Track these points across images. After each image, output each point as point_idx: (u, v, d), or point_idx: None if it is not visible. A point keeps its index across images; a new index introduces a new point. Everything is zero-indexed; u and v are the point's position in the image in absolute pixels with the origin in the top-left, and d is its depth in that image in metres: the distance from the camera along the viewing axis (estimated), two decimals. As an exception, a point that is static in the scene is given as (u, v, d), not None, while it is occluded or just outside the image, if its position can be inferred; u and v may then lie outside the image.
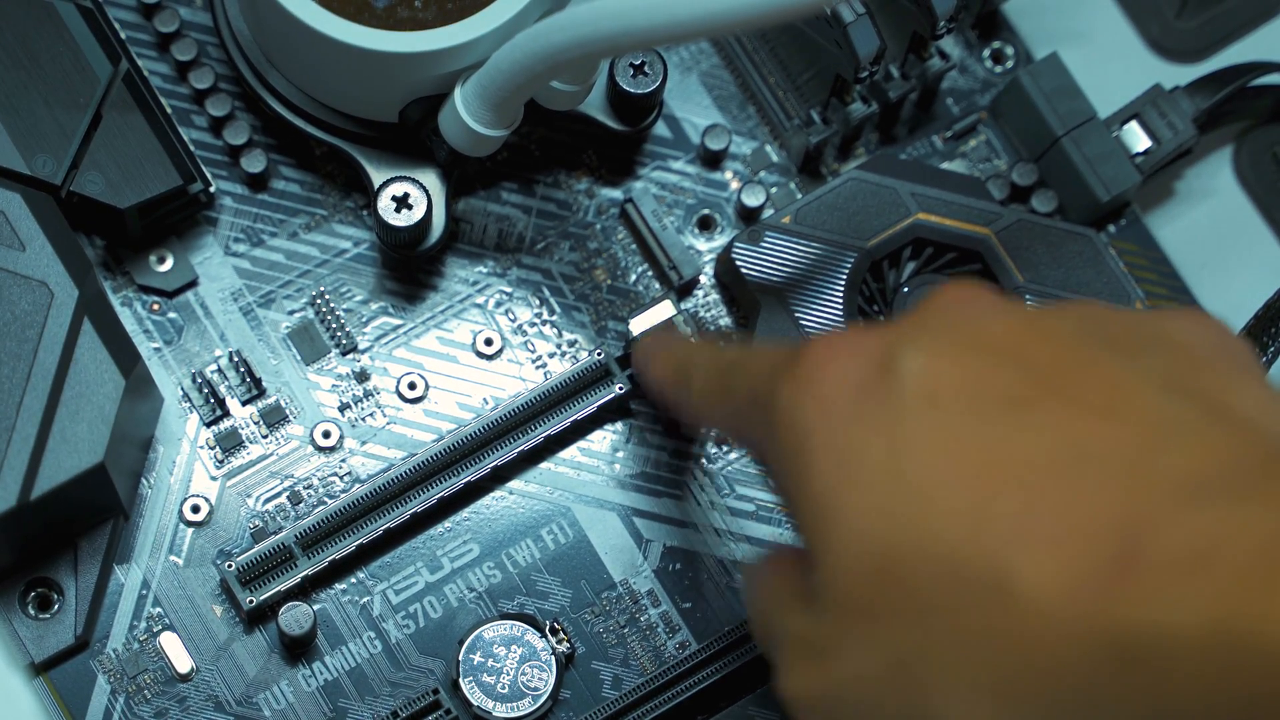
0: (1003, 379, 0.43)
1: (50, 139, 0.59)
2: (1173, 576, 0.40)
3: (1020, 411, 0.43)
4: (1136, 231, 0.65)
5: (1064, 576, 0.41)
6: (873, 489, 0.44)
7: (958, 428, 0.43)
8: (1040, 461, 0.42)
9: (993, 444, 0.43)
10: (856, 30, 0.59)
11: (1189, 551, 0.40)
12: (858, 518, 0.44)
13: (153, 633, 0.60)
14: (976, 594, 0.42)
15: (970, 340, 0.44)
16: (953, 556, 0.42)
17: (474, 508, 0.62)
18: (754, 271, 0.62)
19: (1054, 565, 0.41)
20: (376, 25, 0.57)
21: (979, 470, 0.42)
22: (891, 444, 0.44)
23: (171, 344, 0.63)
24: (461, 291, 0.64)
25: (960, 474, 0.43)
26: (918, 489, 0.43)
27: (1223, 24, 0.67)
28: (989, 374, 0.44)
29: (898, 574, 0.43)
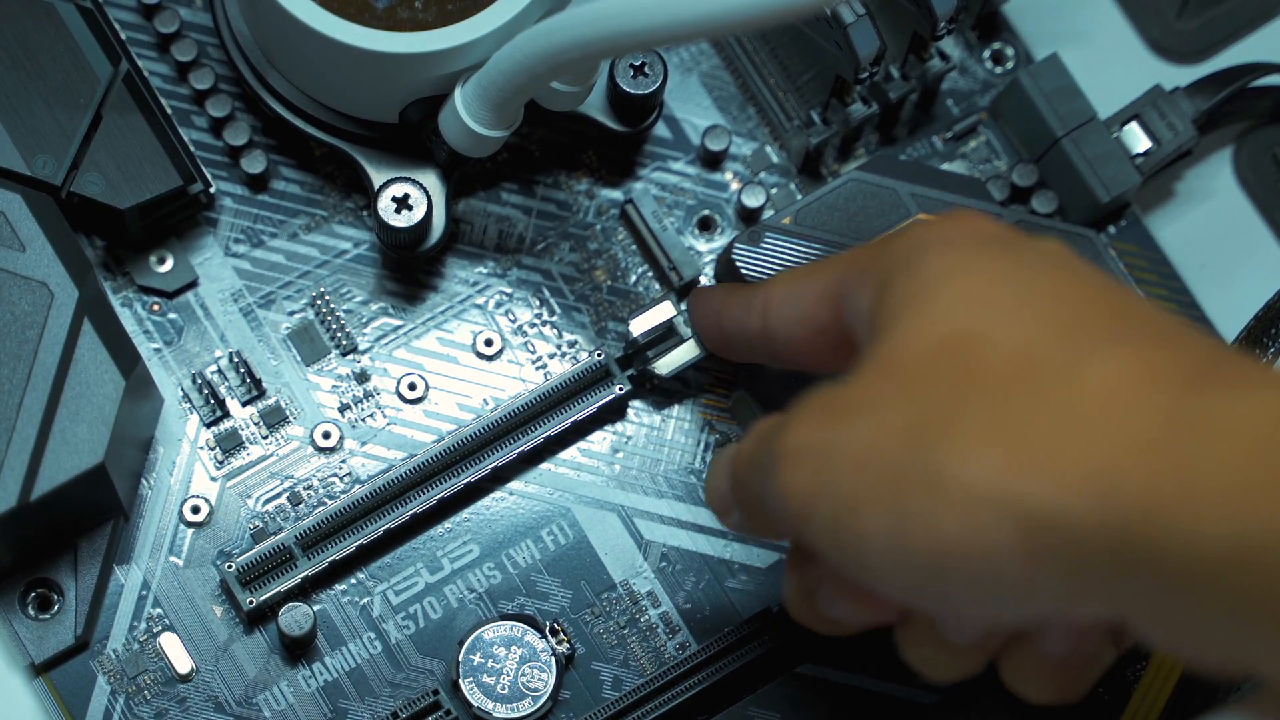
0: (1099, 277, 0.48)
1: (50, 139, 0.59)
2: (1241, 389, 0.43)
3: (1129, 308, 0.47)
4: (1136, 232, 0.65)
5: (1137, 371, 0.44)
6: (988, 291, 0.47)
7: (1079, 284, 0.47)
8: (1141, 315, 0.46)
9: (1107, 299, 0.47)
10: (857, 31, 0.59)
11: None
12: (956, 299, 0.47)
13: (153, 633, 0.60)
14: (1044, 377, 0.44)
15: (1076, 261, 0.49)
16: (1033, 345, 0.45)
17: (474, 508, 0.62)
18: (754, 272, 0.62)
19: (1120, 365, 0.44)
20: (377, 26, 0.57)
21: (1092, 311, 0.46)
22: (1023, 278, 0.47)
23: (171, 345, 0.63)
24: (461, 292, 0.64)
25: (1076, 310, 0.46)
26: (1029, 307, 0.46)
27: (1223, 25, 0.67)
28: (1095, 273, 0.48)
29: (966, 349, 0.46)
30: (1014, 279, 0.47)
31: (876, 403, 0.46)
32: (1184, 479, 0.42)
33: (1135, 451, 0.42)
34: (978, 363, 0.45)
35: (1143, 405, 0.43)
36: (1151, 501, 0.42)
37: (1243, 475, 0.41)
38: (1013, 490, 0.43)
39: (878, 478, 0.45)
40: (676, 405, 0.63)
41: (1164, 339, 0.45)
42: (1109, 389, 0.44)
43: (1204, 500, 0.41)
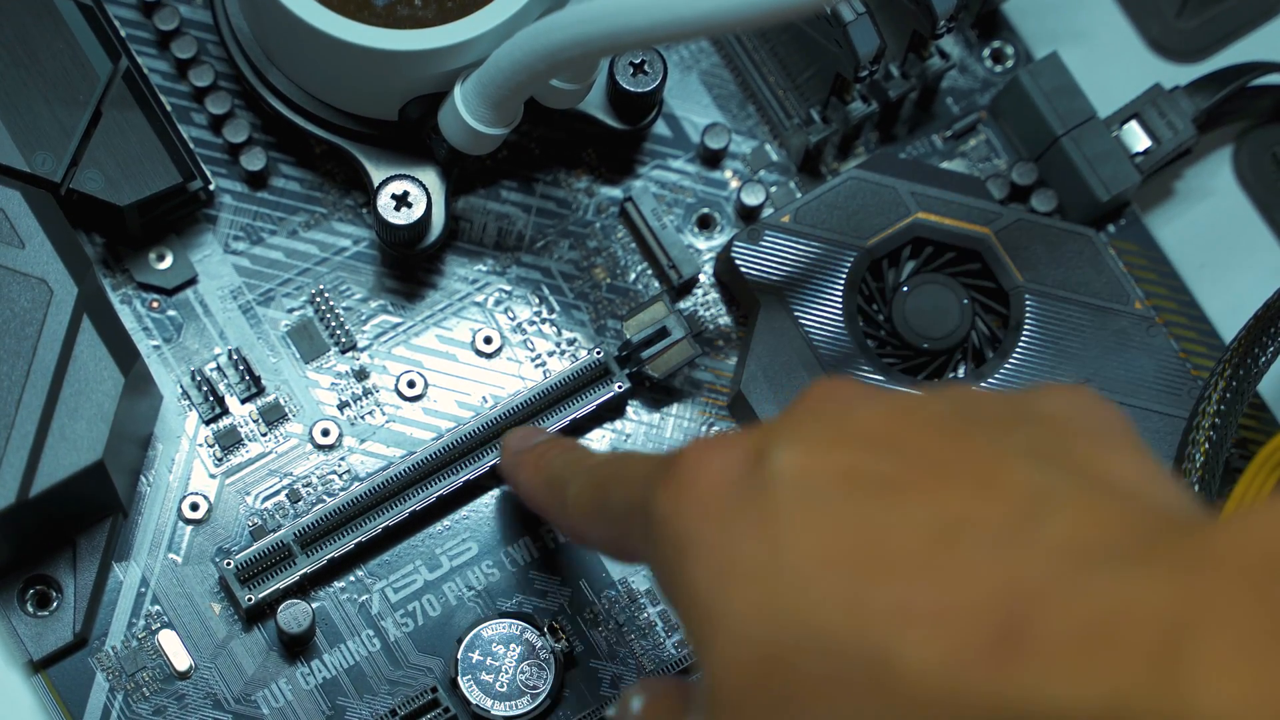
0: (874, 464, 0.43)
1: (50, 136, 0.59)
2: (1064, 654, 0.38)
3: (892, 494, 0.42)
4: (1136, 231, 0.65)
5: (947, 656, 0.39)
6: (752, 587, 0.43)
7: (831, 515, 0.42)
8: (915, 542, 0.41)
9: (867, 528, 0.42)
10: (856, 29, 0.59)
11: (1079, 627, 0.39)
12: (738, 618, 0.43)
13: (151, 630, 0.60)
14: (860, 682, 0.41)
15: (840, 431, 0.44)
16: (833, 645, 0.41)
17: (473, 506, 0.62)
18: (753, 271, 0.62)
19: (935, 645, 0.40)
20: (376, 23, 0.57)
21: (854, 556, 0.41)
22: (768, 539, 0.43)
23: (171, 342, 0.63)
24: (461, 290, 0.64)
25: (836, 561, 0.42)
26: (795, 581, 0.42)
27: (1223, 24, 0.67)
28: (860, 461, 0.43)
29: (781, 671, 0.42)
30: (771, 553, 0.42)
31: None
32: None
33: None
34: (796, 682, 0.42)
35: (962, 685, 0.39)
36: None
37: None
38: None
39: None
40: (676, 404, 0.63)
41: (949, 577, 0.40)
42: (922, 691, 0.40)
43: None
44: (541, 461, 0.55)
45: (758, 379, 0.61)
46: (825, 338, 0.61)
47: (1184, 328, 0.64)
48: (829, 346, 0.61)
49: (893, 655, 0.40)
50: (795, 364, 0.61)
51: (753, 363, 0.61)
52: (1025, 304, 0.62)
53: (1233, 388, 0.59)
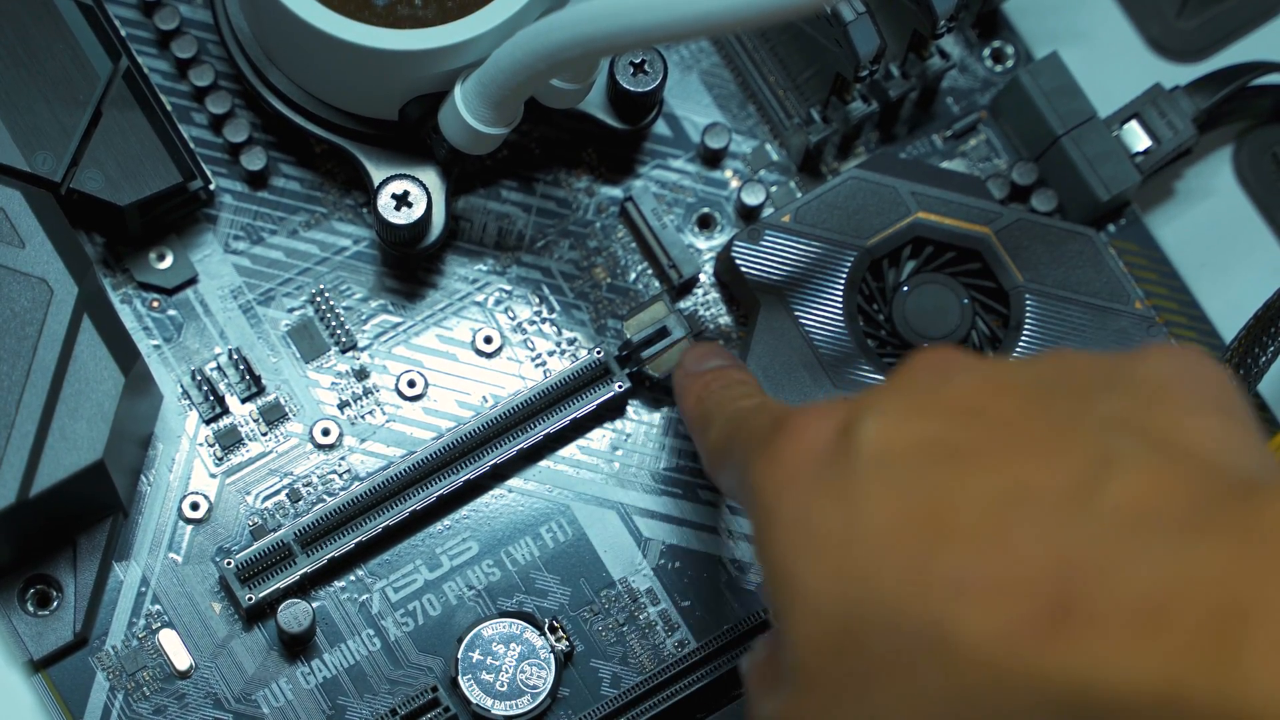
0: (950, 434, 0.43)
1: (50, 136, 0.59)
2: (1117, 630, 0.39)
3: (961, 462, 0.43)
4: (1136, 231, 0.65)
5: (1001, 628, 0.40)
6: (827, 557, 0.43)
7: (903, 485, 0.43)
8: (977, 510, 0.42)
9: (933, 497, 0.42)
10: (857, 29, 0.59)
11: (1132, 602, 0.39)
12: (814, 589, 0.43)
13: (151, 630, 0.60)
14: (921, 652, 0.41)
15: (928, 402, 0.44)
16: (897, 618, 0.42)
17: (473, 505, 0.62)
18: (754, 270, 0.62)
19: (992, 617, 0.40)
20: (377, 23, 0.57)
21: (919, 525, 0.42)
22: (846, 509, 0.43)
23: (171, 341, 0.63)
24: (461, 289, 0.64)
25: (902, 531, 0.42)
26: (864, 552, 0.43)
27: (1223, 24, 0.67)
28: (939, 431, 0.43)
29: (853, 645, 0.43)
30: (848, 524, 0.43)
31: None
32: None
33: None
34: (865, 652, 0.42)
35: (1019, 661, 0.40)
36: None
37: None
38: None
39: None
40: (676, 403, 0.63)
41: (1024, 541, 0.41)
42: (978, 662, 0.40)
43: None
44: (704, 393, 0.55)
45: (758, 379, 0.61)
46: (825, 337, 0.61)
47: (1184, 328, 0.64)
48: (829, 346, 0.61)
49: (949, 627, 0.41)
50: (795, 364, 0.61)
51: (753, 363, 0.61)
52: (1025, 304, 0.62)
53: (1233, 387, 0.59)
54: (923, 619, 0.41)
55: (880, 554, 0.42)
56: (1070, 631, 0.39)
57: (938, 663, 0.41)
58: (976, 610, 0.40)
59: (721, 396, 0.55)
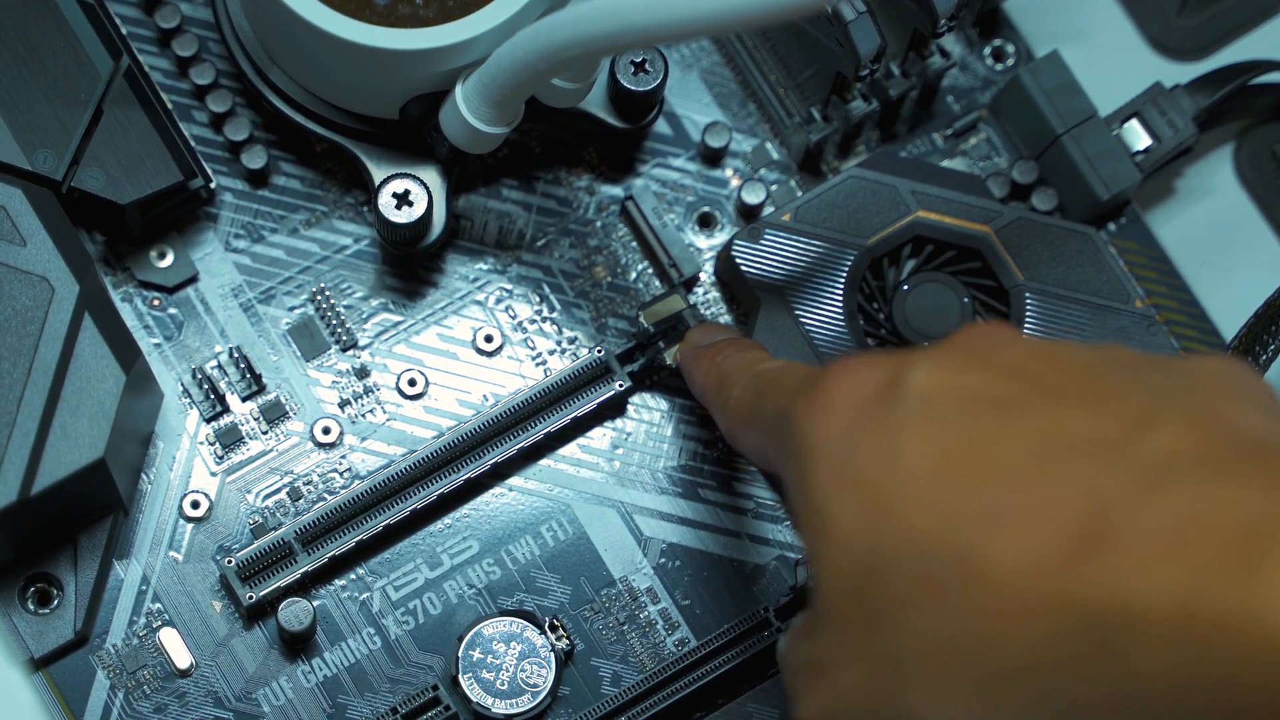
0: (1000, 388, 0.44)
1: (51, 134, 0.59)
2: (1142, 553, 0.40)
3: (1008, 410, 0.43)
4: (1136, 230, 0.65)
5: (1029, 556, 0.41)
6: (863, 495, 0.44)
7: (946, 428, 0.43)
8: (1017, 453, 0.42)
9: (975, 440, 0.43)
10: (857, 28, 0.59)
11: (1160, 528, 0.40)
12: (845, 527, 0.44)
13: (152, 628, 0.60)
14: (949, 583, 0.42)
15: (980, 361, 0.45)
16: (925, 548, 0.42)
17: (474, 504, 0.62)
18: (754, 269, 0.62)
19: (1020, 545, 0.41)
20: (378, 22, 0.57)
21: (957, 465, 0.43)
22: (883, 450, 0.44)
23: (172, 340, 0.63)
24: (462, 288, 0.64)
25: (939, 470, 0.43)
26: (899, 489, 0.43)
27: (1223, 22, 0.67)
28: (989, 385, 0.44)
29: (879, 577, 0.43)
30: (886, 462, 0.44)
31: (844, 660, 0.45)
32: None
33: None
34: (891, 584, 0.43)
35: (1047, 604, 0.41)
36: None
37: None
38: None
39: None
40: (677, 401, 0.63)
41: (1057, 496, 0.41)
42: (1003, 587, 0.41)
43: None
44: (717, 358, 0.56)
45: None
46: (826, 336, 0.61)
47: (1184, 326, 0.64)
48: (829, 345, 0.61)
49: (978, 556, 0.41)
50: (796, 362, 0.61)
51: (753, 361, 0.61)
52: (1025, 302, 0.62)
53: (1233, 386, 0.59)
54: (953, 550, 0.42)
55: (914, 492, 0.43)
56: (1096, 557, 0.40)
57: (965, 591, 0.42)
58: (1006, 539, 0.41)
59: (738, 361, 0.55)
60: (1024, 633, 0.41)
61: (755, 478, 0.63)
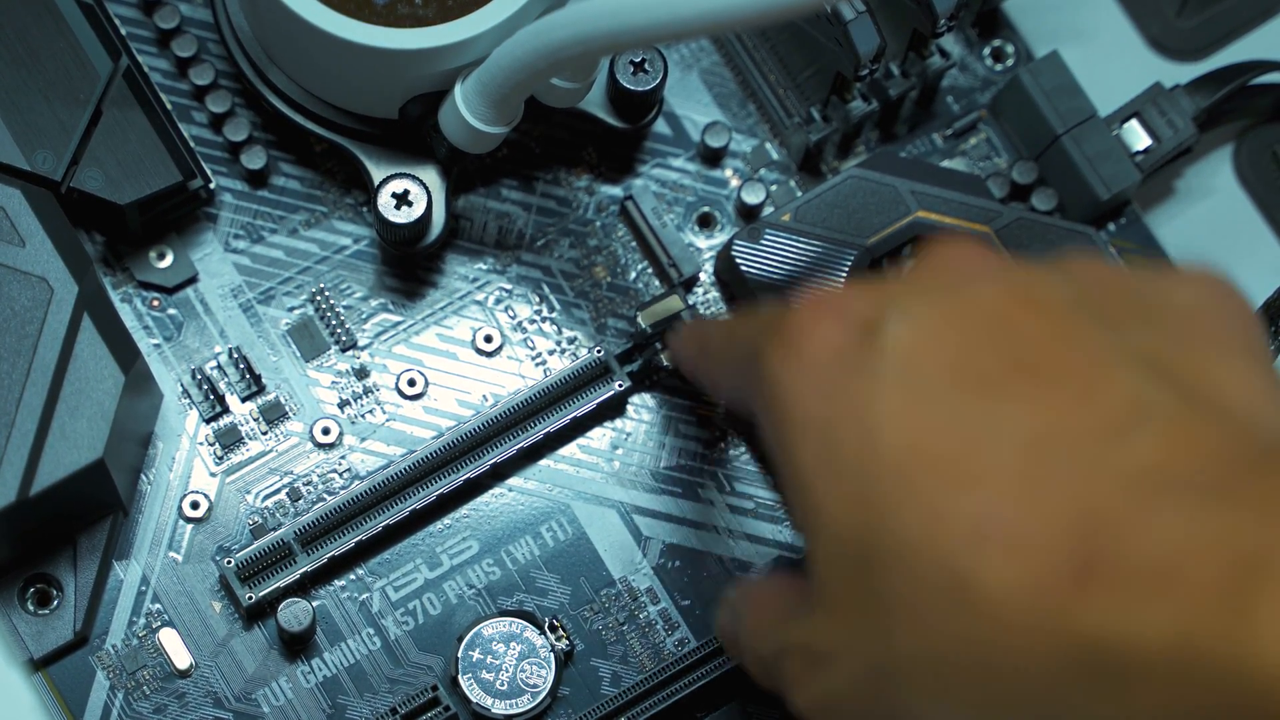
0: (983, 356, 0.43)
1: (50, 135, 0.59)
2: (1136, 587, 0.39)
3: (993, 394, 0.42)
4: (1136, 230, 0.65)
5: (1024, 581, 0.40)
6: (847, 480, 0.43)
7: (930, 409, 0.43)
8: (1005, 452, 0.42)
9: (961, 430, 0.42)
10: (857, 28, 0.59)
11: (1153, 560, 0.39)
12: (833, 512, 0.44)
13: (152, 629, 0.60)
14: (937, 597, 0.41)
15: (957, 309, 0.44)
16: (915, 557, 0.42)
17: (473, 504, 0.62)
18: (754, 269, 0.62)
19: (1013, 570, 0.40)
20: (377, 22, 0.57)
21: (944, 459, 0.42)
22: (867, 426, 0.43)
23: (171, 340, 0.63)
24: (461, 288, 0.64)
25: (926, 464, 0.42)
26: (887, 482, 0.43)
27: (1223, 22, 0.67)
28: (970, 348, 0.43)
29: (870, 572, 0.43)
30: (868, 442, 0.43)
31: (841, 650, 0.45)
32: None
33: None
34: (882, 584, 0.42)
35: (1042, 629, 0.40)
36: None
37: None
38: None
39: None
40: (676, 401, 0.63)
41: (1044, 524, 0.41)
42: (999, 614, 0.41)
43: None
44: (695, 328, 0.57)
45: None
46: (825, 336, 0.61)
47: (1184, 326, 0.64)
48: (829, 345, 0.61)
49: (971, 574, 0.41)
50: (795, 363, 0.61)
51: (753, 361, 0.61)
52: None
53: (1233, 386, 0.59)
54: (942, 563, 0.41)
55: (900, 487, 0.42)
56: (1091, 587, 0.39)
57: (959, 612, 0.41)
58: (998, 560, 0.41)
59: (716, 323, 0.56)
60: (1022, 661, 0.41)
61: (755, 478, 0.63)
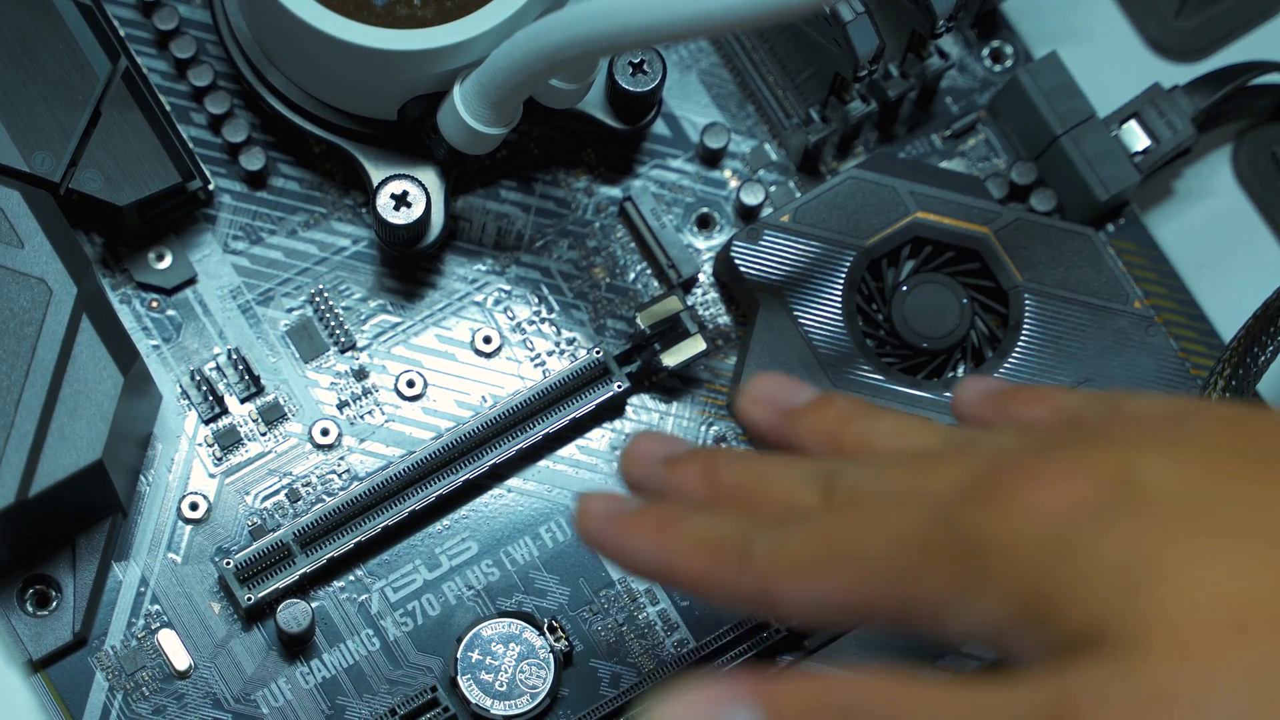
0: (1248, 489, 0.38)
1: (49, 136, 0.59)
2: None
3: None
4: (1135, 231, 0.65)
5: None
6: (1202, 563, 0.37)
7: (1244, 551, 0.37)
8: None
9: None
10: (855, 29, 0.59)
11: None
12: (1195, 585, 0.37)
13: (151, 630, 0.60)
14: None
15: (1189, 444, 0.39)
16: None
17: (472, 505, 0.62)
18: (753, 270, 0.62)
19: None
20: (376, 23, 0.57)
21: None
22: (1187, 547, 0.37)
23: (170, 341, 0.63)
24: (460, 289, 0.64)
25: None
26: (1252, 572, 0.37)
27: (1222, 23, 0.67)
28: (1235, 483, 0.38)
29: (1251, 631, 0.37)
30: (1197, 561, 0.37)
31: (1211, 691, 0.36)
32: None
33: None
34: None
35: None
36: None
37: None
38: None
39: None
40: (675, 402, 0.63)
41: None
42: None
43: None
44: (676, 518, 0.44)
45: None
46: (825, 337, 0.61)
47: (1183, 327, 0.64)
48: (828, 346, 0.61)
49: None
50: (794, 364, 0.61)
51: (752, 362, 0.61)
52: (1024, 303, 0.62)
53: (1232, 387, 0.59)
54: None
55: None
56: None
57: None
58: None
59: (728, 516, 0.44)
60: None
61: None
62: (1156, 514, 0.38)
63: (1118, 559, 0.37)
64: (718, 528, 0.43)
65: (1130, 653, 0.36)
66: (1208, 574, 0.37)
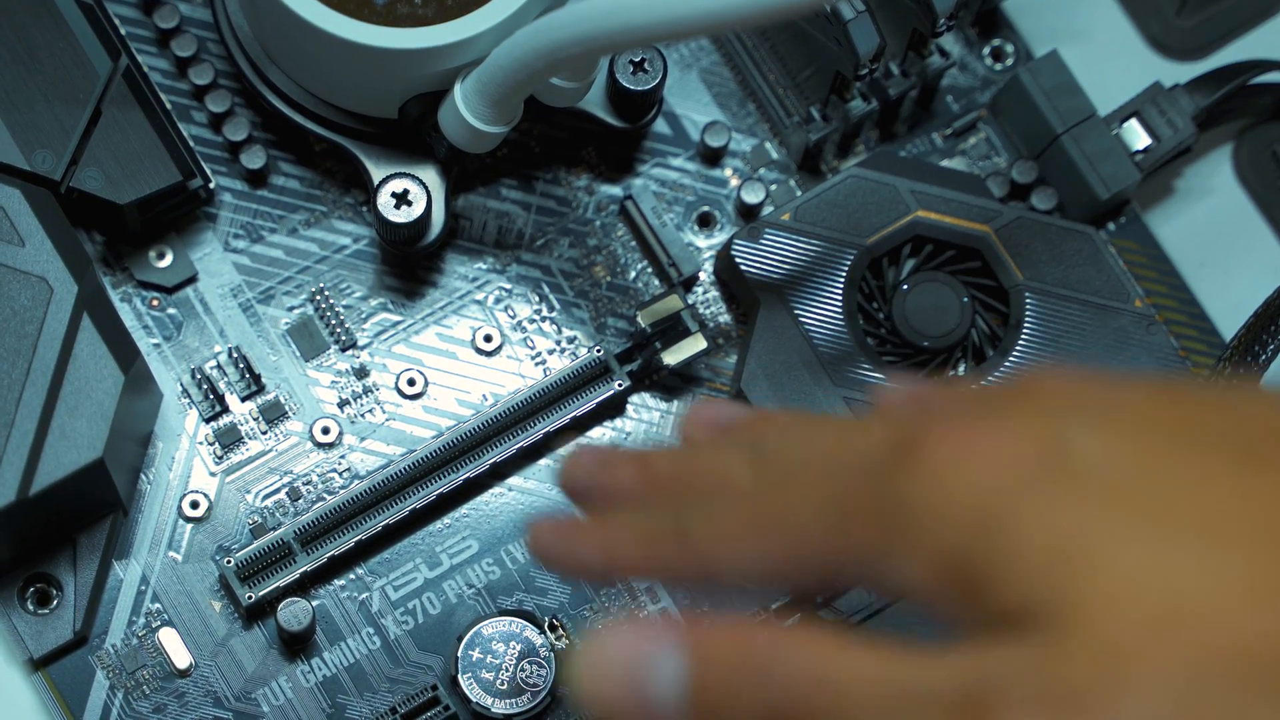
0: (1182, 454, 0.37)
1: (50, 134, 0.59)
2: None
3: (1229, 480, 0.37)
4: (1136, 229, 0.65)
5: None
6: (1131, 547, 0.36)
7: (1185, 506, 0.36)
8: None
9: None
10: (856, 28, 0.59)
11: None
12: (1123, 576, 0.36)
13: (151, 628, 0.60)
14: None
15: (1123, 414, 0.38)
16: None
17: (473, 504, 0.62)
18: (753, 269, 0.62)
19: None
20: (377, 22, 0.57)
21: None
22: (1149, 517, 0.37)
23: (171, 340, 0.63)
24: (461, 288, 0.64)
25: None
26: (1190, 546, 0.36)
27: (1223, 22, 0.67)
28: (1166, 448, 0.37)
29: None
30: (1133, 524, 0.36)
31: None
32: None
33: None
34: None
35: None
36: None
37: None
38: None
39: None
40: (675, 401, 0.63)
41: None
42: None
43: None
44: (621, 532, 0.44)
45: (758, 377, 0.61)
46: (825, 336, 0.61)
47: (1184, 326, 0.64)
48: (829, 345, 0.61)
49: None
50: (795, 362, 0.61)
51: (753, 361, 0.61)
52: (1025, 302, 0.62)
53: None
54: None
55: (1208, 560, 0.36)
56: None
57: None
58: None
59: (664, 507, 0.44)
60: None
61: (755, 477, 0.63)
62: (1087, 488, 0.37)
63: (1047, 539, 0.36)
64: (655, 518, 0.43)
65: (1053, 639, 0.36)
66: (1137, 565, 0.36)
